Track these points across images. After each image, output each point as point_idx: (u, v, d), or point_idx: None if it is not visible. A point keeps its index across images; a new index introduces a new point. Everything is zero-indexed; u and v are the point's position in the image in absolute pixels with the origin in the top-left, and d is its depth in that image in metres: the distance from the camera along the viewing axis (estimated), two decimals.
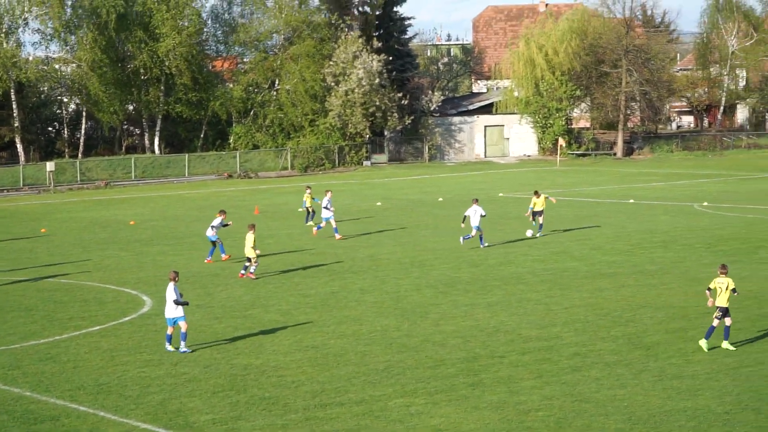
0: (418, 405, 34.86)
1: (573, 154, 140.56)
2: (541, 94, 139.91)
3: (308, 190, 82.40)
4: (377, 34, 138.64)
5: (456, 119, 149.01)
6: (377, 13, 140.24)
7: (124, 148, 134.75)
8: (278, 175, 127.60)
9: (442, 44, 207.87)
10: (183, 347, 40.40)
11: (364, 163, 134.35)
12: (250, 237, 57.26)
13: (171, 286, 41.22)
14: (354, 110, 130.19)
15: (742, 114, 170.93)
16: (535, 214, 70.37)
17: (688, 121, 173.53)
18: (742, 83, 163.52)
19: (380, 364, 40.05)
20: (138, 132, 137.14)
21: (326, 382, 37.67)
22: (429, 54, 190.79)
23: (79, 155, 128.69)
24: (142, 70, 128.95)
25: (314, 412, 34.27)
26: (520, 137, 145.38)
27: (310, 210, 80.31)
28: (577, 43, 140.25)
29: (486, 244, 66.26)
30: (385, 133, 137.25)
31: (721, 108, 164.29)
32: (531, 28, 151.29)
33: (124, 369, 39.94)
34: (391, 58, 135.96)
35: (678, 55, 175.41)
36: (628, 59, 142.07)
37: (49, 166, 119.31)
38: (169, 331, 41.22)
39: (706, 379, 37.15)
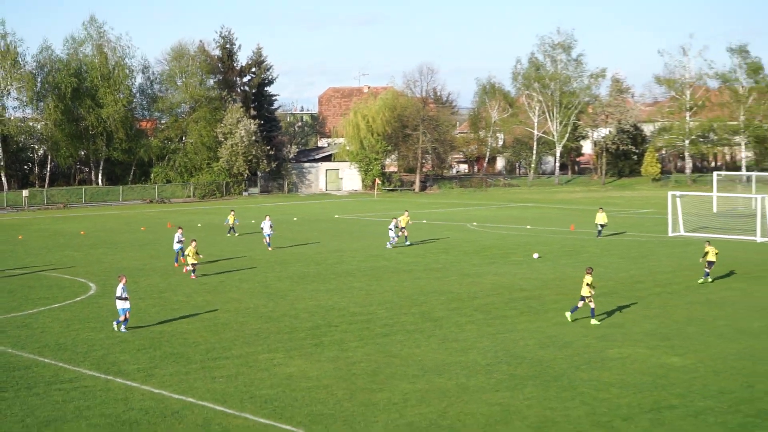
0: (279, 358, 35.00)
1: (385, 189, 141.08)
2: (364, 148, 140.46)
3: (232, 212, 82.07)
4: (253, 105, 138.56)
5: (306, 164, 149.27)
6: (253, 91, 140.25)
7: (77, 180, 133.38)
8: (184, 200, 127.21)
9: (297, 113, 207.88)
10: (123, 329, 39.42)
11: (243, 193, 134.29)
12: (192, 247, 55.56)
13: (120, 285, 40.04)
14: (237, 157, 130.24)
15: (500, 163, 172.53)
16: (402, 229, 71.28)
17: (464, 167, 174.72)
18: (500, 142, 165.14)
19: (253, 330, 40.11)
20: (87, 170, 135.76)
21: (216, 343, 37.68)
22: (288, 120, 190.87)
23: (46, 185, 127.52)
24: (90, 127, 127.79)
25: (208, 363, 34.32)
26: (350, 177, 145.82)
27: (232, 226, 79.70)
28: (389, 113, 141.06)
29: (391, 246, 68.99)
30: (258, 173, 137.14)
31: (486, 158, 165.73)
32: (358, 103, 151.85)
33: (76, 333, 39.71)
34: (262, 122, 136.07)
35: (458, 122, 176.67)
36: (423, 125, 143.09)
37: (25, 192, 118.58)
38: (120, 318, 39.90)
39: (474, 342, 37.63)
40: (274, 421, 27.56)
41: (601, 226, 74.31)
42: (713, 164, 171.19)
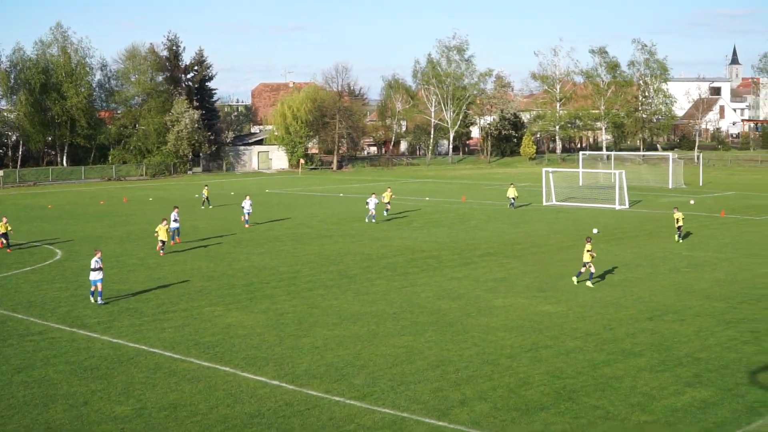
0: (219, 311, 34.73)
1: (308, 168, 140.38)
2: (290, 134, 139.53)
3: (206, 187, 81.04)
4: (196, 97, 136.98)
5: (241, 147, 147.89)
6: (196, 86, 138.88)
7: (45, 162, 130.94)
8: (137, 179, 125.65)
9: (233, 104, 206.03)
10: (100, 300, 36.65)
11: (188, 172, 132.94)
12: (162, 225, 51.04)
13: (95, 258, 36.62)
14: (182, 142, 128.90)
15: (403, 146, 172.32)
16: (387, 203, 68.51)
17: (373, 149, 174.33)
18: (404, 128, 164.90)
19: (197, 287, 39.73)
20: (53, 153, 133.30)
21: (166, 299, 37.28)
22: (226, 110, 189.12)
23: (18, 166, 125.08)
24: (56, 117, 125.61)
25: (158, 316, 33.95)
26: (278, 158, 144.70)
27: (206, 199, 78.31)
28: (311, 104, 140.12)
29: (374, 221, 64.81)
30: (200, 155, 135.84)
31: (392, 142, 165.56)
32: (284, 96, 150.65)
33: (45, 293, 39.04)
34: (204, 112, 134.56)
35: (368, 112, 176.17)
36: (339, 114, 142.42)
37: (0, 173, 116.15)
38: (92, 288, 36.69)
39: (383, 295, 37.58)
40: (215, 364, 27.35)
41: (513, 198, 73.63)
42: (579, 146, 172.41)
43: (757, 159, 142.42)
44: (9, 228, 53.89)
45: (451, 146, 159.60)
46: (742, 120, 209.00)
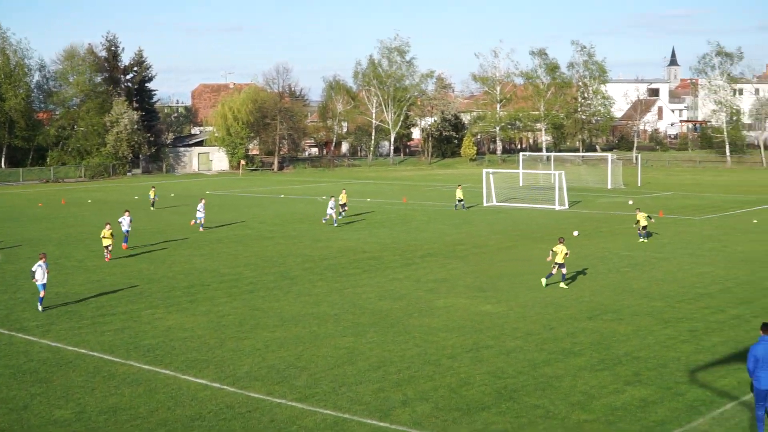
0: (159, 314, 34.50)
1: (249, 169, 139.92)
2: (230, 135, 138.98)
3: (153, 188, 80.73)
4: (136, 98, 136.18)
5: (182, 148, 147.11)
6: (135, 86, 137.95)
7: None
8: (76, 180, 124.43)
9: (173, 105, 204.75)
10: (39, 308, 35.11)
11: (128, 173, 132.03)
12: (107, 229, 48.23)
13: (40, 263, 35.28)
14: (122, 143, 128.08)
15: (345, 147, 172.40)
16: (343, 205, 67.93)
17: (314, 150, 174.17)
18: (345, 129, 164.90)
19: (137, 290, 39.43)
20: None
21: (105, 301, 36.97)
22: (166, 111, 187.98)
23: None
24: None
25: (98, 319, 33.65)
26: (219, 159, 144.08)
27: (153, 200, 77.91)
28: (251, 105, 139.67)
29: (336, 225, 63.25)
30: (140, 156, 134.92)
31: (333, 143, 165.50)
32: (225, 97, 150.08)
33: None
34: (143, 113, 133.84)
35: (309, 113, 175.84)
36: (280, 115, 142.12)
37: None
38: (41, 293, 35.13)
39: (324, 296, 37.56)
40: (156, 367, 27.16)
41: (459, 200, 73.34)
42: (519, 147, 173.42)
43: (696, 159, 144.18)
44: None
45: (392, 147, 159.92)
46: (681, 121, 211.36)
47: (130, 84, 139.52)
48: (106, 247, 48.13)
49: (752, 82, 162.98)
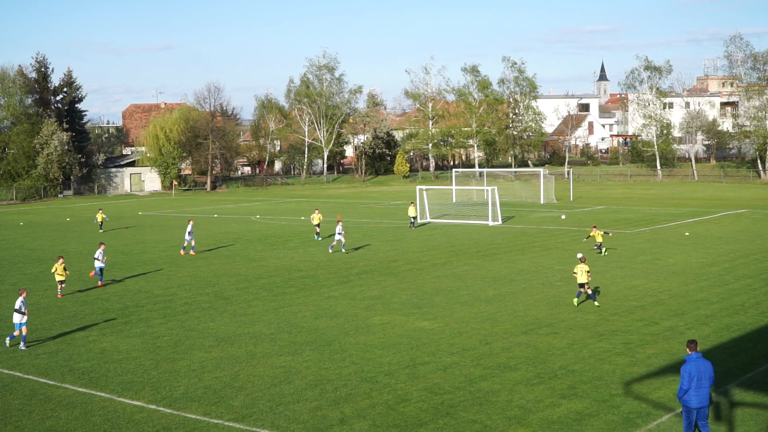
0: (94, 336, 34.19)
1: (181, 189, 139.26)
2: (162, 155, 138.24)
3: (100, 210, 78.36)
4: (66, 119, 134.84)
5: (113, 169, 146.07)
6: (66, 107, 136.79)
7: None
8: (8, 203, 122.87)
9: (104, 126, 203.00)
10: (22, 346, 32.41)
11: (59, 195, 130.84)
12: (59, 264, 43.08)
13: (20, 299, 32.61)
14: (52, 165, 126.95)
15: (278, 165, 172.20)
16: (317, 225, 64.77)
17: (247, 169, 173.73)
18: (278, 148, 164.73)
19: (70, 312, 38.99)
20: None
21: (39, 324, 36.47)
22: (97, 132, 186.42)
23: None
24: None
25: (32, 342, 33.22)
26: (151, 179, 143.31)
27: (101, 222, 75.47)
28: (183, 125, 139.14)
29: (344, 251, 58.65)
30: (71, 177, 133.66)
31: (266, 162, 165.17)
32: (156, 117, 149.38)
33: None
34: (74, 134, 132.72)
35: (241, 132, 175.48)
36: (212, 135, 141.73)
37: None
38: (15, 332, 32.51)
39: (260, 315, 37.44)
40: (91, 390, 26.92)
41: (413, 218, 72.65)
42: (452, 163, 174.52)
43: (627, 173, 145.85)
44: None
45: (325, 165, 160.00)
46: (611, 135, 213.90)
47: (60, 105, 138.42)
48: (60, 282, 43.28)
49: (682, 96, 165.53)
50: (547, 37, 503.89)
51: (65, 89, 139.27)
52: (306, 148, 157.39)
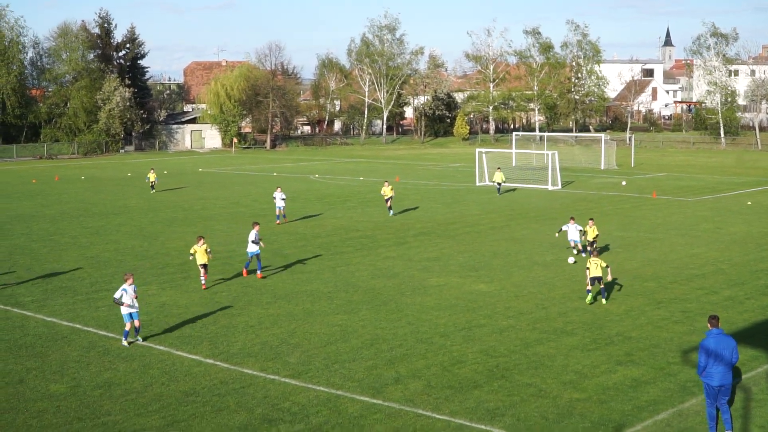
0: (153, 290, 34.60)
1: (241, 147, 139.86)
2: (223, 113, 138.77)
3: (152, 170, 76.63)
4: (128, 75, 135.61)
5: (174, 126, 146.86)
6: (128, 64, 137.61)
7: None
8: (69, 157, 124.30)
9: (166, 83, 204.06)
10: (139, 339, 28.05)
11: (120, 151, 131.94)
12: (200, 245, 34.88)
13: (131, 286, 27.29)
14: (114, 120, 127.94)
15: (337, 125, 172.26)
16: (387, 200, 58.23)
17: (307, 128, 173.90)
18: (338, 108, 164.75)
19: (130, 266, 39.34)
20: None
21: (99, 278, 37.06)
22: (158, 88, 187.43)
23: None
24: None
25: (92, 295, 33.77)
26: (211, 137, 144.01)
27: (152, 183, 72.94)
28: (244, 83, 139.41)
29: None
30: (133, 133, 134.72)
31: (326, 122, 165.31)
32: (217, 74, 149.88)
33: None
34: (136, 90, 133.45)
35: (301, 91, 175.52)
36: (273, 93, 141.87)
37: None
38: (127, 327, 27.19)
39: (317, 274, 37.61)
40: (149, 343, 27.25)
41: (499, 183, 68.91)
42: (512, 126, 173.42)
43: (690, 141, 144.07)
44: None
45: (385, 126, 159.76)
46: (675, 102, 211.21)
47: (122, 61, 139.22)
48: (202, 266, 35.27)
49: (748, 64, 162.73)
50: (612, 1, 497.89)
51: (128, 45, 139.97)
52: (366, 109, 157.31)
